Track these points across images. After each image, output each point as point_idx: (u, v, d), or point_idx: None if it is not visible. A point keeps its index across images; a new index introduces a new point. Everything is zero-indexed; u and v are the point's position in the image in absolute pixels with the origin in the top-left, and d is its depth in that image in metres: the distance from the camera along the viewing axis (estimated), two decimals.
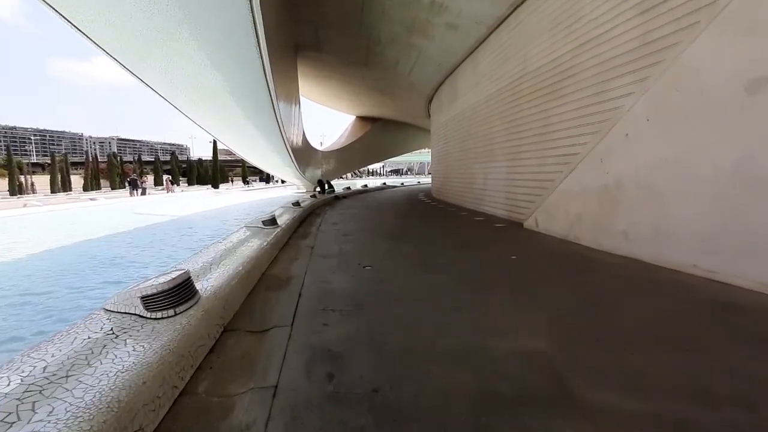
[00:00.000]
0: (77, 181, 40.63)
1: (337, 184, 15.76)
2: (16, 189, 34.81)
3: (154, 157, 55.03)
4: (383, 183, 23.26)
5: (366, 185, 20.93)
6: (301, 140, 13.26)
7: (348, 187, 16.36)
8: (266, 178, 45.12)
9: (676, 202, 3.04)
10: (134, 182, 25.76)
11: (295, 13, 8.33)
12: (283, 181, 26.85)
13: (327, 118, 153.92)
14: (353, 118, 22.21)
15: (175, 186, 36.87)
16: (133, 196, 23.49)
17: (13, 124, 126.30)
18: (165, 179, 38.05)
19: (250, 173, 50.97)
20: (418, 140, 24.95)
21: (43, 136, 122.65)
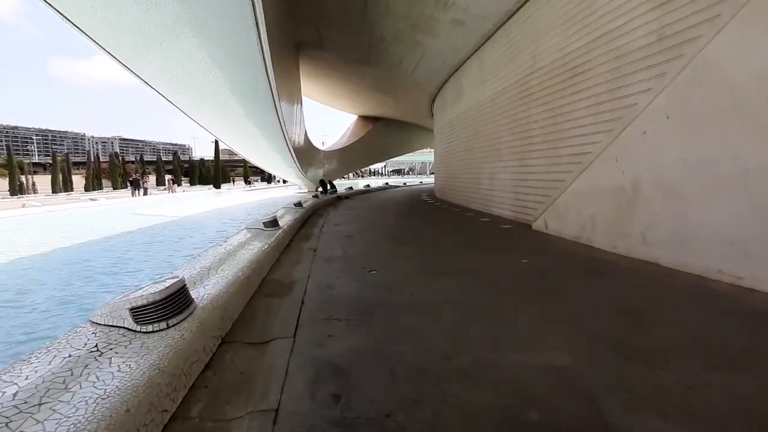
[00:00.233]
0: (79, 181, 40.52)
1: (339, 184, 15.62)
2: (17, 189, 34.69)
3: (156, 157, 55.04)
4: (385, 183, 23.09)
5: (368, 185, 20.75)
6: (303, 140, 13.10)
7: (350, 187, 16.23)
8: (268, 178, 44.95)
9: (699, 204, 2.88)
10: (136, 182, 25.71)
11: (295, 11, 8.18)
12: (285, 181, 26.69)
13: (329, 117, 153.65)
14: (355, 117, 22.04)
15: (176, 186, 36.86)
16: (134, 196, 23.42)
17: (15, 124, 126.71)
18: (167, 179, 38.02)
19: (251, 173, 50.87)
20: (420, 140, 24.76)
21: (45, 136, 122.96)
